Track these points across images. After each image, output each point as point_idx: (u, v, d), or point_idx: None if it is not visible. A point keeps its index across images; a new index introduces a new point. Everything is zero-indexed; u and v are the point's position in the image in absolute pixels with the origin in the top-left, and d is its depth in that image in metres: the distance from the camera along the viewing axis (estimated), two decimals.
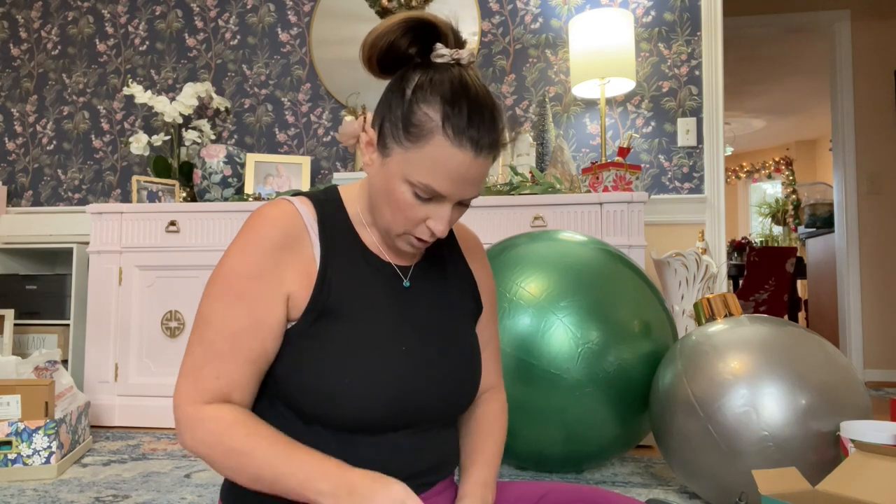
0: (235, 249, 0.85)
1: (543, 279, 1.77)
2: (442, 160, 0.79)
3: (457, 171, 0.80)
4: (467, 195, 0.84)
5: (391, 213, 0.85)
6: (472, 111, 0.79)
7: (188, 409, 0.81)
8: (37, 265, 3.23)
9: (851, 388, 1.44)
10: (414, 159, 0.80)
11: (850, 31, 4.09)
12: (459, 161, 0.79)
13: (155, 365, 2.59)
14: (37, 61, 3.40)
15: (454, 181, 0.81)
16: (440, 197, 0.82)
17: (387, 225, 0.86)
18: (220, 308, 0.83)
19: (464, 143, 0.79)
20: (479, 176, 0.83)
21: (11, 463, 1.84)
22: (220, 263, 0.86)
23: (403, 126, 0.81)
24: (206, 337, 0.83)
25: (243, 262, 0.84)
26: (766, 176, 8.74)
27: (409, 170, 0.81)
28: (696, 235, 2.79)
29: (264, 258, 0.84)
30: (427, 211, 0.83)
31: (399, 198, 0.83)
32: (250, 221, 0.87)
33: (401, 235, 0.87)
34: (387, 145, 0.83)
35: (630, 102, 2.90)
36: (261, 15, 3.21)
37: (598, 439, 1.76)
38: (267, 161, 2.88)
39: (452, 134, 0.79)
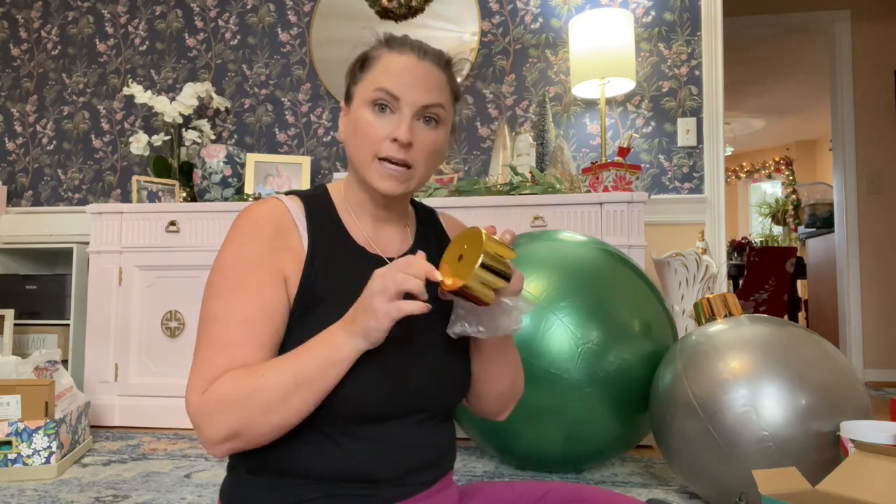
0: (228, 245, 0.87)
1: (543, 279, 1.77)
2: (389, 65, 0.89)
3: (402, 70, 0.89)
4: (422, 99, 0.88)
5: (359, 144, 0.90)
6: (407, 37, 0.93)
7: (197, 400, 0.80)
8: (37, 265, 3.23)
9: (851, 388, 1.44)
10: (367, 80, 0.90)
11: (850, 31, 4.08)
12: (404, 62, 0.89)
13: (155, 365, 2.59)
14: (37, 61, 3.40)
15: (402, 80, 0.88)
16: (394, 99, 0.88)
17: (360, 162, 0.90)
18: (223, 303, 0.83)
19: (405, 50, 0.90)
20: (430, 80, 0.90)
21: (11, 463, 1.84)
22: (215, 263, 0.87)
23: (360, 68, 0.93)
24: (214, 332, 0.82)
25: (240, 254, 0.86)
26: (766, 176, 8.74)
27: (366, 91, 0.90)
28: (696, 235, 2.79)
29: (260, 247, 0.86)
30: (387, 123, 0.88)
31: (363, 122, 0.89)
32: (240, 218, 0.89)
33: (372, 165, 0.89)
34: (350, 95, 0.94)
35: (630, 102, 2.90)
36: (261, 15, 3.21)
37: (598, 439, 1.76)
38: (267, 161, 2.88)
39: (396, 46, 0.91)
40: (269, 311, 0.83)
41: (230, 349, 0.81)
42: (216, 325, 0.83)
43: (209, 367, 0.81)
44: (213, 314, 0.83)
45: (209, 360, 0.81)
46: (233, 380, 0.79)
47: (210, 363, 0.81)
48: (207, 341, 0.82)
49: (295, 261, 0.88)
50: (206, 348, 0.82)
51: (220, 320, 0.83)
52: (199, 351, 0.83)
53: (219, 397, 0.78)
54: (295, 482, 0.84)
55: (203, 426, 0.80)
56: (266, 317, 0.83)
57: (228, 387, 0.78)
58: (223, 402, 0.78)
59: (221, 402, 0.78)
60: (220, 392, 0.79)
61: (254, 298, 0.83)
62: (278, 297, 0.85)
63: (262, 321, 0.83)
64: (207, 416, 0.79)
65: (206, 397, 0.79)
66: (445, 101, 0.91)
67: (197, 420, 0.80)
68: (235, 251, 0.86)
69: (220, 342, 0.82)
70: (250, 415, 0.78)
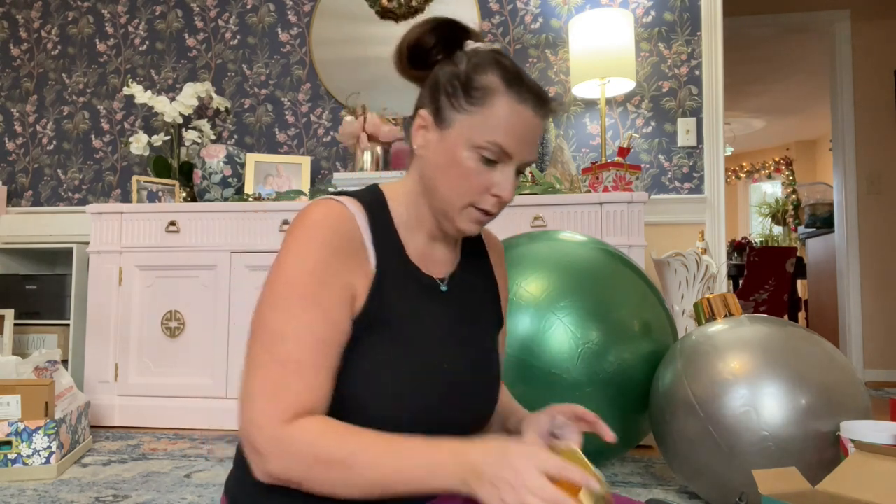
0: (293, 252, 0.79)
1: (543, 279, 1.77)
2: (507, 117, 0.81)
3: (521, 127, 0.82)
4: (528, 157, 0.85)
5: (453, 186, 0.83)
6: (525, 75, 0.85)
7: (274, 430, 0.73)
8: (37, 265, 3.23)
9: (851, 388, 1.44)
10: (479, 121, 0.82)
11: (850, 31, 4.08)
12: (524, 117, 0.82)
13: (155, 365, 2.59)
14: (37, 61, 3.40)
15: (519, 138, 0.82)
16: (506, 158, 0.83)
17: (447, 202, 0.84)
18: (292, 318, 0.77)
19: (526, 100, 0.82)
20: (537, 136, 0.85)
21: (11, 463, 1.84)
22: (279, 270, 0.79)
23: (465, 92, 0.83)
24: (283, 350, 0.76)
25: (307, 264, 0.78)
26: (766, 176, 8.74)
27: (474, 133, 0.82)
28: (696, 235, 2.79)
29: (330, 260, 0.79)
30: (490, 177, 0.83)
31: (463, 165, 0.82)
32: (304, 222, 0.81)
33: (464, 210, 0.85)
34: (445, 118, 0.84)
35: (630, 102, 2.90)
36: (261, 15, 3.21)
37: (598, 439, 1.75)
38: (267, 161, 2.88)
39: (516, 92, 0.82)
40: (339, 331, 0.79)
41: (305, 375, 0.76)
42: (286, 343, 0.76)
43: (285, 393, 0.75)
44: (281, 330, 0.77)
45: (282, 383, 0.75)
46: (323, 437, 0.73)
47: (284, 387, 0.75)
48: (276, 360, 0.76)
49: (364, 276, 0.83)
50: (276, 368, 0.76)
51: (289, 338, 0.76)
52: (263, 367, 0.76)
53: (300, 448, 0.73)
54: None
55: (269, 459, 0.74)
56: (336, 338, 0.79)
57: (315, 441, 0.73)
58: (303, 454, 0.73)
59: (301, 453, 0.73)
60: (305, 443, 0.73)
61: (325, 316, 0.78)
62: (345, 317, 0.80)
63: (333, 342, 0.78)
64: (280, 454, 0.73)
65: (287, 434, 0.73)
66: None
67: (266, 448, 0.73)
68: (302, 259, 0.78)
69: (292, 363, 0.76)
70: (321, 481, 0.74)
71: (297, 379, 0.75)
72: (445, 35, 0.87)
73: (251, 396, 0.75)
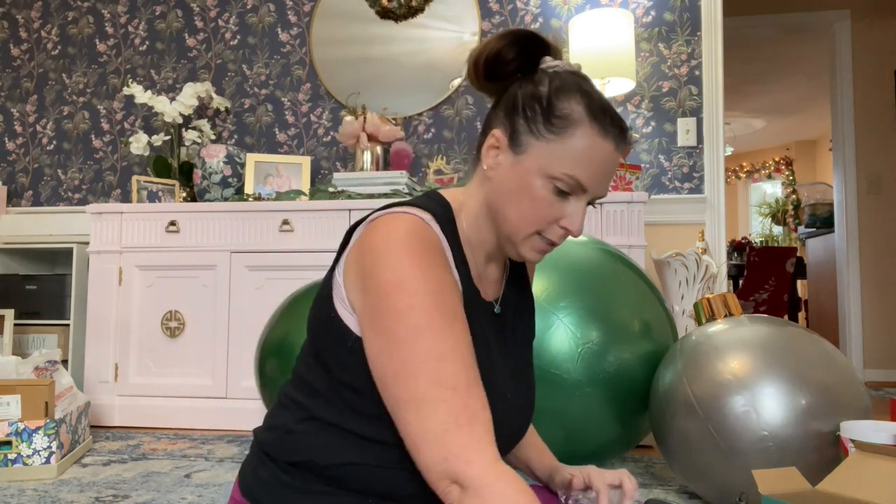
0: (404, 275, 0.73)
1: (543, 279, 1.77)
2: (588, 150, 0.78)
3: (601, 161, 0.79)
4: (603, 192, 0.82)
5: (522, 214, 0.80)
6: (609, 107, 0.80)
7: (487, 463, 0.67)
8: (37, 265, 3.23)
9: (851, 388, 1.44)
10: (557, 151, 0.78)
11: (850, 31, 4.08)
12: (605, 152, 0.79)
13: (155, 365, 2.59)
14: (37, 61, 3.40)
15: (597, 173, 0.79)
16: (580, 191, 0.80)
17: (514, 228, 0.81)
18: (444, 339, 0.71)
19: (608, 134, 0.79)
20: (614, 172, 0.81)
21: (11, 463, 1.84)
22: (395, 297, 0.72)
23: (545, 118, 0.79)
24: (453, 373, 0.70)
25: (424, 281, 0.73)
26: (766, 176, 8.74)
27: (551, 162, 0.78)
28: (696, 235, 2.79)
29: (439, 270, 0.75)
30: (562, 209, 0.80)
31: (536, 194, 0.79)
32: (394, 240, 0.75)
33: (528, 239, 0.82)
34: (521, 143, 0.80)
35: (630, 102, 2.90)
36: (261, 15, 3.21)
37: (598, 439, 1.76)
38: (267, 161, 2.88)
39: (600, 125, 0.78)
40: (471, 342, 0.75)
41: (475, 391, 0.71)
42: (447, 365, 0.70)
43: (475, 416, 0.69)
44: (438, 354, 0.70)
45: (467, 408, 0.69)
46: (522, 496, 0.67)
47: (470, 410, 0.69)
48: (448, 386, 0.70)
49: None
50: (452, 395, 0.69)
51: (448, 360, 0.70)
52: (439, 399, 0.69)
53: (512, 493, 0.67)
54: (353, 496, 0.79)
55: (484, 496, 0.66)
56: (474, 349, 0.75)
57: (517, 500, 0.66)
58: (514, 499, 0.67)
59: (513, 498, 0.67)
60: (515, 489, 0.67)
61: (464, 329, 0.74)
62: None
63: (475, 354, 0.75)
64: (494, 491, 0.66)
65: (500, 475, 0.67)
66: None
67: (478, 483, 0.66)
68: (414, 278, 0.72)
69: (464, 384, 0.70)
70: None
71: (474, 399, 0.70)
72: (526, 49, 0.83)
73: (438, 431, 0.68)
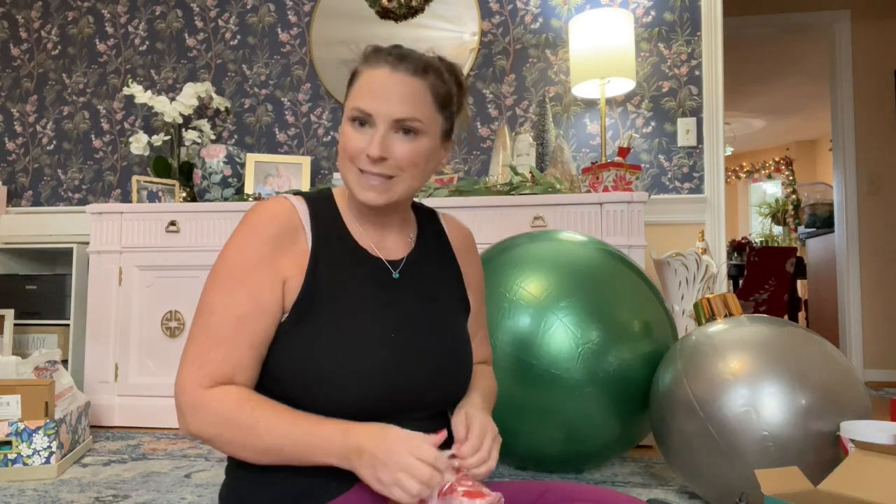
0: (234, 241, 0.91)
1: (543, 279, 1.77)
2: (364, 83, 0.91)
3: (376, 85, 0.90)
4: (395, 112, 0.90)
5: (342, 157, 0.93)
6: (383, 47, 0.95)
7: (194, 393, 0.85)
8: (37, 265, 3.23)
9: (851, 388, 1.44)
10: (349, 98, 0.93)
11: (850, 31, 4.08)
12: (377, 77, 0.90)
13: (155, 365, 2.59)
14: (37, 61, 3.40)
15: (375, 96, 0.89)
16: (367, 116, 0.90)
17: (344, 175, 0.94)
18: (223, 296, 0.88)
19: (380, 64, 0.91)
20: (404, 93, 0.90)
21: (11, 463, 1.84)
22: (220, 255, 0.91)
23: (349, 85, 0.95)
24: (211, 324, 0.87)
25: (243, 251, 0.89)
26: (766, 176, 8.74)
27: (347, 108, 0.93)
28: (696, 235, 2.79)
29: (262, 247, 0.89)
30: (364, 139, 0.91)
31: (344, 137, 0.92)
32: (248, 215, 0.92)
33: (352, 177, 0.92)
34: (344, 108, 0.95)
35: (630, 102, 2.90)
36: (261, 15, 3.21)
37: (598, 439, 1.76)
38: (267, 161, 2.88)
39: (372, 60, 0.92)
40: (262, 310, 0.87)
41: (224, 346, 0.86)
42: (213, 317, 0.87)
43: (204, 361, 0.86)
44: (211, 306, 0.88)
45: (205, 353, 0.86)
46: (236, 404, 0.84)
47: (205, 357, 0.86)
48: (204, 331, 0.87)
49: (298, 263, 0.91)
50: (203, 337, 0.87)
51: (216, 313, 0.87)
52: (195, 337, 0.88)
53: (215, 409, 0.84)
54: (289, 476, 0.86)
55: (188, 418, 0.85)
56: (259, 316, 0.87)
57: (227, 407, 0.84)
58: (216, 415, 0.84)
59: (214, 414, 0.84)
60: (219, 407, 0.84)
61: (249, 296, 0.87)
62: (273, 298, 0.89)
63: (256, 320, 0.87)
64: (197, 414, 0.85)
65: (204, 398, 0.84)
66: (424, 111, 0.91)
67: (186, 409, 0.85)
68: (239, 247, 0.90)
69: (215, 337, 0.86)
70: (230, 440, 0.84)
71: (219, 347, 0.86)
72: None
73: (183, 363, 0.87)
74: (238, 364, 0.86)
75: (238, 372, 0.86)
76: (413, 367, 0.90)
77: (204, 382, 0.85)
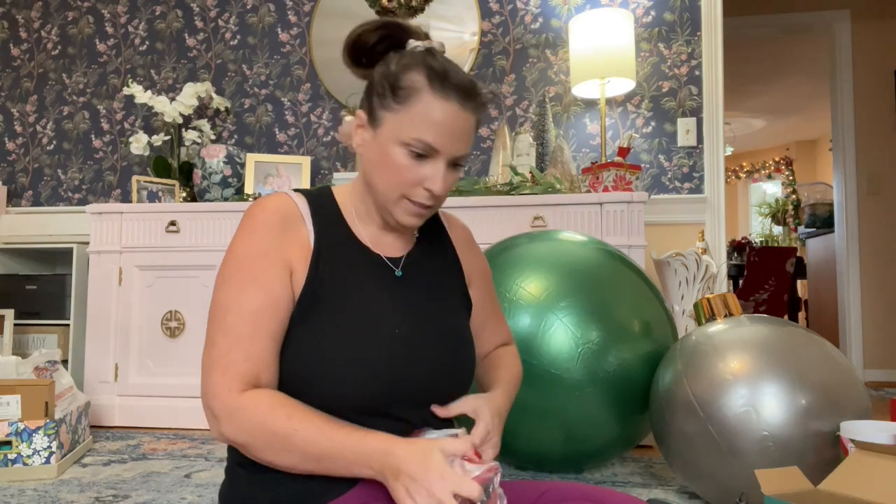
0: (239, 237, 0.90)
1: (543, 279, 1.77)
2: (431, 113, 0.86)
3: (445, 122, 0.86)
4: (458, 151, 0.88)
5: (387, 181, 0.89)
6: (452, 72, 0.88)
7: (226, 399, 0.82)
8: (37, 265, 3.23)
9: (851, 388, 1.44)
10: (405, 119, 0.86)
11: (850, 31, 4.08)
12: (447, 113, 0.86)
13: (155, 365, 2.59)
14: (37, 61, 3.40)
15: (444, 133, 0.86)
16: (433, 152, 0.87)
17: (383, 196, 0.90)
18: (235, 292, 0.86)
19: (449, 96, 0.86)
20: (467, 130, 0.88)
21: (11, 463, 1.84)
22: (227, 253, 0.90)
23: (392, 92, 0.87)
24: (227, 322, 0.85)
25: (249, 245, 0.88)
26: (766, 176, 8.74)
27: (401, 130, 0.87)
28: (696, 235, 2.79)
29: (267, 238, 0.88)
30: (422, 171, 0.88)
31: (395, 161, 0.87)
32: (250, 211, 0.91)
33: (398, 203, 0.90)
34: (377, 117, 0.89)
35: (630, 102, 2.90)
36: (261, 15, 3.21)
37: (598, 439, 1.76)
38: (267, 161, 2.88)
39: (439, 89, 0.86)
40: (276, 301, 0.86)
41: (244, 344, 0.84)
42: (228, 315, 0.85)
43: (229, 362, 0.84)
44: (226, 304, 0.86)
45: (227, 354, 0.84)
46: (270, 410, 0.82)
47: (228, 358, 0.84)
48: (222, 331, 0.85)
49: (302, 254, 0.90)
50: (222, 338, 0.85)
51: (232, 311, 0.85)
52: (213, 339, 0.86)
53: (250, 416, 0.82)
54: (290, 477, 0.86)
55: (222, 424, 0.83)
56: (274, 308, 0.86)
57: (262, 414, 0.82)
58: (252, 422, 0.82)
59: (251, 421, 0.82)
60: (253, 413, 0.82)
61: (261, 289, 0.86)
62: (284, 290, 0.88)
63: (271, 313, 0.86)
64: (231, 420, 0.82)
65: (238, 404, 0.82)
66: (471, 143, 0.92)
67: (220, 414, 0.83)
68: (245, 242, 0.89)
69: (235, 333, 0.84)
70: (265, 447, 0.82)
71: (240, 346, 0.84)
72: (388, 35, 0.92)
73: (208, 367, 0.85)
74: (260, 359, 0.85)
75: (262, 368, 0.85)
76: (416, 365, 0.90)
77: (234, 386, 0.83)
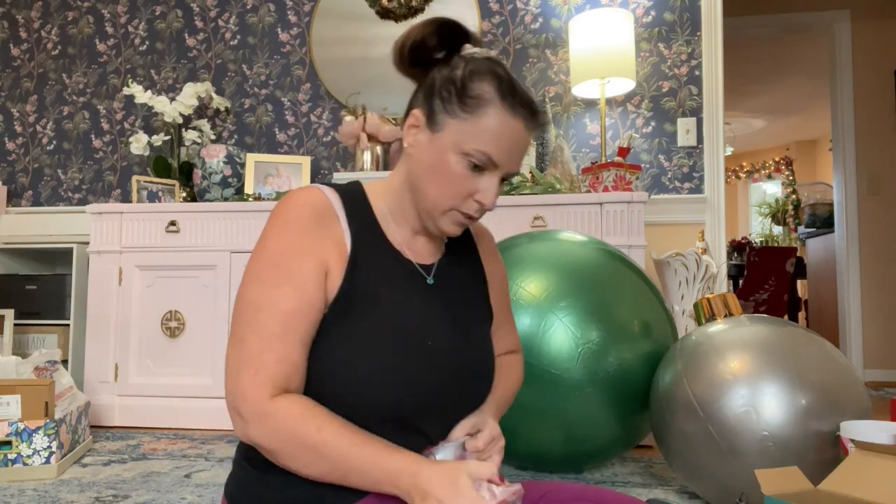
0: (271, 233, 0.85)
1: (543, 279, 1.77)
2: (498, 128, 0.84)
3: (511, 139, 0.85)
4: (515, 167, 0.88)
5: (439, 188, 0.87)
6: (518, 87, 0.87)
7: (257, 403, 0.79)
8: (37, 265, 3.23)
9: (851, 388, 1.44)
10: (470, 129, 0.85)
11: (850, 31, 4.08)
12: (514, 129, 0.85)
13: (155, 365, 2.59)
14: (37, 61, 3.40)
15: (507, 149, 0.85)
16: (492, 166, 0.86)
17: (432, 203, 0.88)
18: (268, 290, 0.82)
19: (518, 114, 0.85)
20: (525, 148, 0.88)
21: (11, 463, 1.84)
22: (258, 248, 0.86)
23: (459, 99, 0.85)
24: (259, 322, 0.82)
25: (283, 242, 0.84)
26: (766, 176, 8.74)
27: (465, 139, 0.85)
28: (696, 235, 2.79)
29: (303, 236, 0.85)
30: (476, 183, 0.87)
31: (451, 169, 0.86)
32: (281, 206, 0.87)
33: (447, 213, 0.88)
34: (438, 121, 0.87)
35: (630, 102, 2.90)
36: (261, 15, 3.21)
37: (598, 439, 1.76)
38: (267, 161, 2.88)
39: (510, 105, 0.85)
40: (309, 303, 0.83)
41: (276, 345, 0.81)
42: (260, 314, 0.82)
43: (261, 363, 0.80)
44: (258, 302, 0.82)
45: (259, 355, 0.81)
46: (301, 419, 0.79)
47: (260, 359, 0.80)
48: (253, 330, 0.82)
49: (338, 253, 0.87)
50: (253, 337, 0.81)
51: (264, 310, 0.82)
52: (242, 338, 0.82)
53: (281, 423, 0.79)
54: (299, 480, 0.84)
55: (250, 427, 0.80)
56: (307, 310, 0.83)
57: (293, 422, 0.79)
58: (282, 430, 0.79)
59: (281, 429, 0.79)
60: (284, 421, 0.79)
61: (295, 290, 0.83)
62: (318, 292, 0.84)
63: (304, 315, 0.83)
64: (260, 425, 0.80)
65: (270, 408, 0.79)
66: None
67: (249, 418, 0.80)
68: (278, 238, 0.85)
69: (267, 333, 0.81)
70: (293, 456, 0.80)
71: (272, 347, 0.81)
72: (447, 36, 0.89)
73: (237, 367, 0.81)
74: (292, 363, 0.82)
75: (293, 372, 0.82)
76: (446, 374, 0.89)
77: (265, 390, 0.80)
